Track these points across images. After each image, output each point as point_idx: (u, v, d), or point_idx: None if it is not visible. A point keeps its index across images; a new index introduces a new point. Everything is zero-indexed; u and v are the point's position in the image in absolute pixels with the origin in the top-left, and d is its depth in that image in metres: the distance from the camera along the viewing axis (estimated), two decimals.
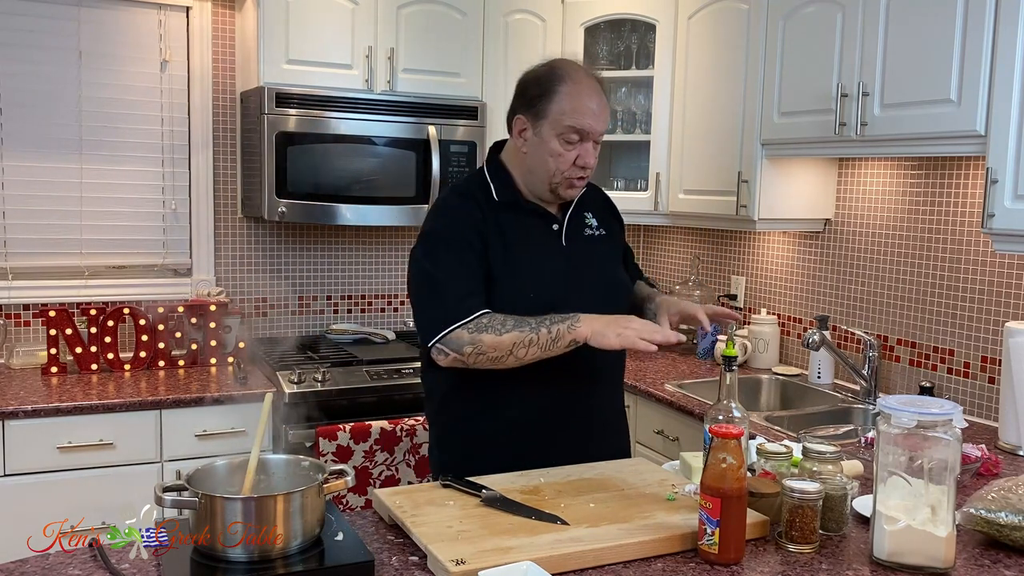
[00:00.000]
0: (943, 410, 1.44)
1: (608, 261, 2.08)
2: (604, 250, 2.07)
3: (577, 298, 1.90)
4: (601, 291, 1.98)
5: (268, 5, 3.06)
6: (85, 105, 3.24)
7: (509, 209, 1.96)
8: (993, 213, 2.19)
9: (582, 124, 1.89)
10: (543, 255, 1.96)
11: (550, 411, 1.97)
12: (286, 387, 2.91)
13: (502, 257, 1.90)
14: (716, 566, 1.46)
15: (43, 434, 2.63)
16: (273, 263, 3.57)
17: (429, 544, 1.43)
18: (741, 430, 1.50)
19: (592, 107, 1.90)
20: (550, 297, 1.89)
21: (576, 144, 1.90)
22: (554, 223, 1.99)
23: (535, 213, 1.98)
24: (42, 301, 3.20)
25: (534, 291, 1.90)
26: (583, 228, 2.04)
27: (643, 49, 3.56)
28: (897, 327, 2.93)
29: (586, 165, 1.92)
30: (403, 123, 3.24)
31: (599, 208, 2.11)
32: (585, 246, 2.02)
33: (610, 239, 2.09)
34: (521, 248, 1.93)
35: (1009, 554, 1.56)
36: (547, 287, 1.92)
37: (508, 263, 1.91)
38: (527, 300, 1.87)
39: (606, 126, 1.95)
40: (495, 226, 1.93)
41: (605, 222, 2.09)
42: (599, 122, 1.92)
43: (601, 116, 1.93)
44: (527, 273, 1.92)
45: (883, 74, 2.49)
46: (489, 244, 1.90)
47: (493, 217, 1.93)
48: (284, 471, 1.55)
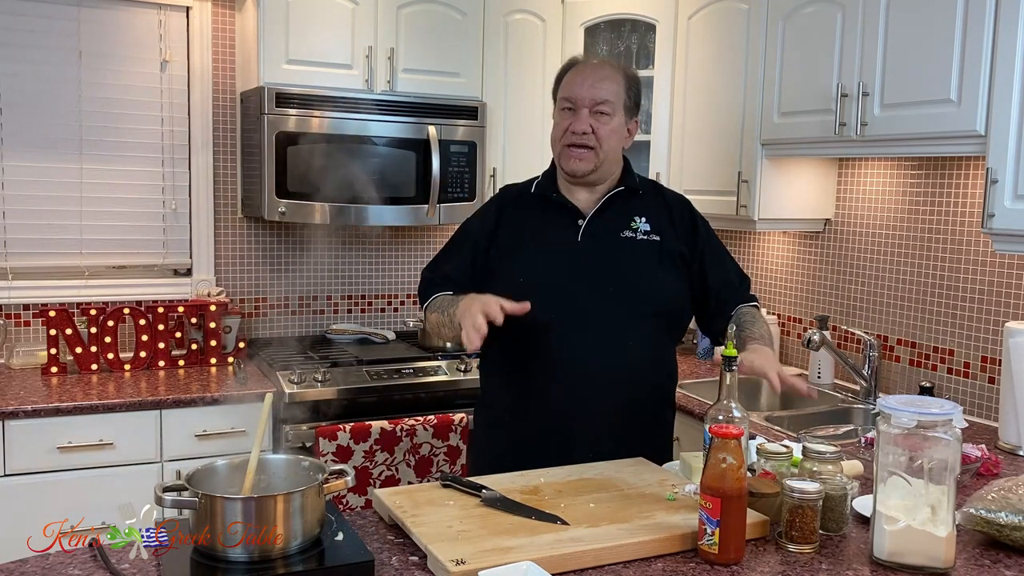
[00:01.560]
0: (943, 410, 1.44)
1: (641, 263, 2.02)
2: (641, 253, 2.03)
3: (580, 291, 1.98)
4: (612, 289, 1.98)
5: (268, 5, 3.06)
6: (85, 105, 3.24)
7: (539, 201, 2.10)
8: (993, 213, 2.19)
9: (570, 92, 2.02)
10: (549, 246, 2.03)
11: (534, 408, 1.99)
12: (286, 387, 2.91)
13: (510, 245, 2.05)
14: (716, 566, 1.46)
15: (43, 434, 2.63)
16: (273, 263, 3.57)
17: (429, 544, 1.43)
18: (741, 430, 1.50)
19: (581, 79, 2.02)
20: (543, 284, 1.96)
21: (569, 114, 2.02)
22: (579, 218, 2.04)
23: (562, 207, 2.07)
24: (42, 301, 3.20)
25: (524, 276, 1.99)
26: (620, 229, 2.04)
27: (643, 49, 3.56)
28: (897, 327, 2.93)
29: (575, 130, 1.99)
30: (403, 123, 3.24)
31: (663, 214, 2.08)
32: (610, 245, 2.02)
33: (661, 246, 2.04)
34: (531, 237, 2.05)
35: (1009, 554, 1.56)
36: (541, 275, 1.99)
37: (513, 250, 2.04)
38: (516, 284, 1.95)
39: (598, 94, 2.00)
40: (516, 218, 2.08)
41: (662, 229, 2.06)
42: (586, 88, 2.00)
43: (588, 84, 2.01)
44: (525, 260, 2.02)
45: (883, 74, 2.49)
46: (497, 236, 2.07)
47: (521, 209, 2.09)
48: (284, 471, 1.55)
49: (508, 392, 2.06)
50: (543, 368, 1.98)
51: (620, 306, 1.98)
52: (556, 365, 1.97)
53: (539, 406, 2.00)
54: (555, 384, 1.98)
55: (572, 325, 1.97)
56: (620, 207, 2.06)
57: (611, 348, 1.98)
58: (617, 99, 2.02)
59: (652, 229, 2.05)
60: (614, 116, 2.01)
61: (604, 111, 2.00)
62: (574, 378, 1.97)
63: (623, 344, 1.99)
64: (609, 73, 2.03)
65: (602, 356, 1.97)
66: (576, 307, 1.98)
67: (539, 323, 1.94)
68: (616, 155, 2.07)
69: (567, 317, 1.97)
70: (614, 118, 2.01)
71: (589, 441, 1.97)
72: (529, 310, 1.83)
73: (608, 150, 2.02)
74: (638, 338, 2.01)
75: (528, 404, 2.01)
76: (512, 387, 2.05)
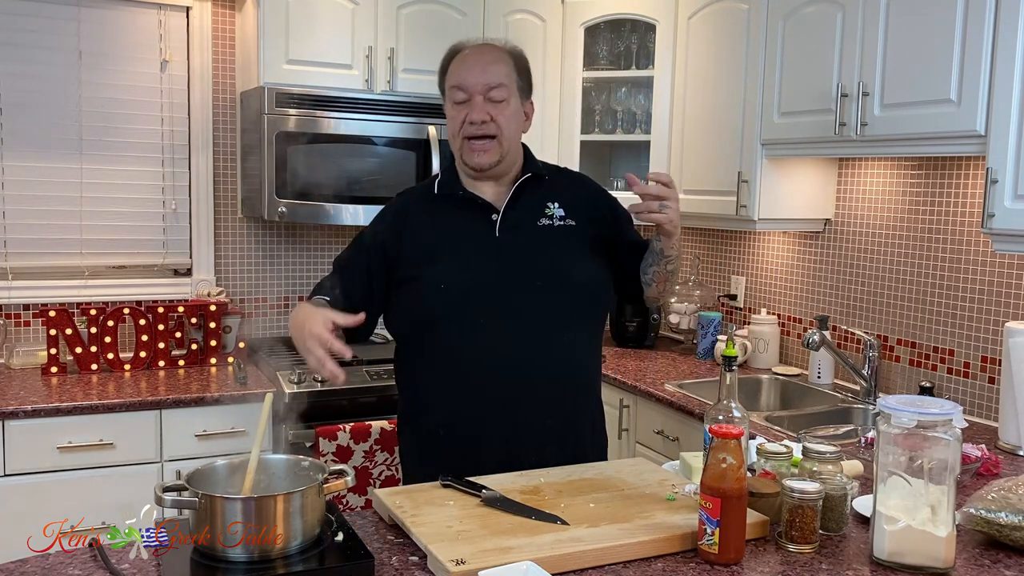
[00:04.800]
0: (943, 410, 1.44)
1: (564, 252, 1.93)
2: (561, 241, 1.93)
3: (508, 289, 1.87)
4: (540, 283, 1.88)
5: (268, 5, 3.06)
6: (85, 105, 3.24)
7: (447, 201, 1.96)
8: (993, 213, 2.19)
9: (459, 80, 1.91)
10: (468, 246, 1.92)
11: (475, 419, 1.88)
12: (286, 387, 2.91)
13: (423, 251, 1.91)
14: (716, 566, 1.46)
15: (43, 434, 2.63)
16: (273, 263, 3.57)
17: (429, 544, 1.43)
18: (741, 430, 1.49)
19: (469, 65, 1.91)
20: (466, 287, 1.87)
21: (463, 104, 1.90)
22: (493, 213, 1.93)
23: (471, 203, 1.95)
24: (42, 301, 3.20)
25: (445, 282, 1.87)
26: (535, 218, 1.94)
27: (643, 49, 3.56)
28: (897, 327, 2.93)
29: (473, 120, 1.88)
30: (403, 123, 3.24)
31: (573, 197, 1.99)
32: (531, 236, 1.93)
33: (578, 230, 1.95)
34: (445, 239, 1.92)
35: (1009, 554, 1.56)
36: (462, 277, 1.87)
37: (427, 255, 1.90)
38: (438, 291, 1.87)
39: (490, 79, 1.89)
40: (423, 221, 1.95)
41: (576, 212, 1.97)
42: (475, 74, 1.89)
43: (477, 69, 1.89)
44: (443, 264, 1.89)
45: (883, 74, 2.49)
46: (402, 245, 1.93)
47: (426, 212, 1.96)
48: (284, 471, 1.55)
49: (446, 400, 1.91)
50: (481, 370, 1.87)
51: (550, 298, 1.88)
52: (496, 366, 1.86)
53: (481, 410, 1.88)
54: (498, 385, 1.86)
55: (505, 324, 1.86)
56: (530, 195, 1.96)
57: (548, 342, 1.88)
58: (510, 81, 1.91)
59: (566, 213, 1.96)
60: (510, 100, 1.90)
61: (498, 97, 1.89)
62: (515, 377, 1.87)
63: (560, 336, 1.90)
64: (497, 55, 1.93)
65: (540, 350, 1.87)
66: (508, 305, 1.87)
67: (471, 325, 1.85)
68: (517, 142, 1.97)
69: (499, 316, 1.86)
70: (510, 102, 1.91)
71: (536, 442, 1.89)
72: (364, 320, 1.75)
73: (510, 137, 1.91)
74: (572, 328, 1.92)
75: (470, 409, 1.89)
76: (451, 393, 1.90)
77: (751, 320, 3.39)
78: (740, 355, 2.75)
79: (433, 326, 1.89)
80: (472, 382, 1.87)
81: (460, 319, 1.86)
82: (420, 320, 1.91)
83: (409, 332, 1.96)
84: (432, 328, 1.89)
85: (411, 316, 1.93)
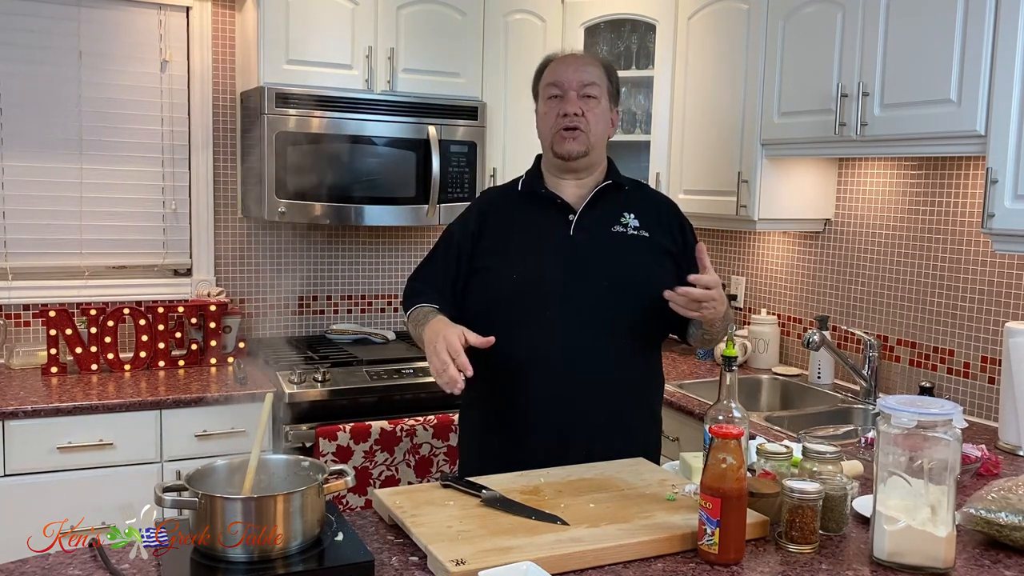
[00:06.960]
0: (943, 410, 1.44)
1: (634, 258, 2.01)
2: (633, 248, 2.02)
3: (575, 285, 1.97)
4: (608, 285, 1.97)
5: (268, 5, 3.06)
6: (85, 105, 3.24)
7: (528, 198, 2.08)
8: (993, 213, 2.19)
9: (556, 77, 2.03)
10: (543, 241, 2.02)
11: (529, 405, 1.97)
12: (286, 387, 2.91)
13: (499, 243, 2.04)
14: (716, 566, 1.46)
15: (43, 434, 2.63)
16: (273, 263, 3.57)
17: (429, 544, 1.43)
18: (741, 430, 1.50)
19: (565, 65, 2.05)
20: (535, 278, 1.97)
21: (557, 99, 2.03)
22: (570, 213, 2.04)
23: (551, 202, 2.05)
24: (42, 301, 3.20)
25: (518, 273, 1.99)
26: (610, 224, 2.03)
27: (643, 49, 3.56)
28: (897, 327, 2.93)
29: (566, 112, 2.00)
30: (403, 123, 3.24)
31: (649, 213, 2.07)
32: (603, 240, 2.02)
33: (651, 242, 2.03)
34: (522, 234, 2.04)
35: (1009, 554, 1.56)
36: (535, 271, 1.98)
37: (504, 247, 2.03)
38: (510, 282, 1.98)
39: (585, 77, 2.02)
40: (503, 216, 2.07)
41: (651, 227, 2.05)
42: (572, 70, 2.02)
43: (573, 68, 2.03)
44: (518, 257, 2.01)
45: (883, 74, 2.49)
46: (482, 238, 2.05)
47: (506, 209, 2.08)
48: (284, 471, 1.55)
49: (502, 391, 2.00)
50: (539, 366, 1.96)
51: (616, 300, 1.97)
52: (554, 362, 1.95)
53: (535, 403, 1.97)
54: (551, 381, 1.96)
55: (569, 317, 1.96)
56: (609, 202, 2.06)
57: (605, 340, 1.97)
58: (602, 83, 2.05)
59: (641, 225, 2.05)
60: (601, 100, 2.04)
61: (592, 94, 2.02)
62: (571, 373, 1.95)
63: (618, 338, 1.98)
64: (592, 60, 2.09)
65: (596, 348, 1.96)
66: (572, 302, 1.96)
67: (536, 316, 1.95)
68: (603, 143, 2.08)
69: (564, 310, 1.96)
70: (601, 102, 2.04)
71: (586, 438, 1.96)
72: (494, 343, 1.82)
73: (597, 134, 2.03)
74: (633, 332, 2.00)
75: (524, 401, 1.98)
76: (507, 386, 1.99)
77: (751, 320, 3.39)
78: (740, 355, 2.75)
79: (501, 312, 1.98)
80: (529, 370, 1.96)
81: (526, 308, 1.96)
82: (489, 306, 2.01)
83: (478, 317, 2.00)
84: (500, 314, 1.98)
85: (483, 301, 2.03)
